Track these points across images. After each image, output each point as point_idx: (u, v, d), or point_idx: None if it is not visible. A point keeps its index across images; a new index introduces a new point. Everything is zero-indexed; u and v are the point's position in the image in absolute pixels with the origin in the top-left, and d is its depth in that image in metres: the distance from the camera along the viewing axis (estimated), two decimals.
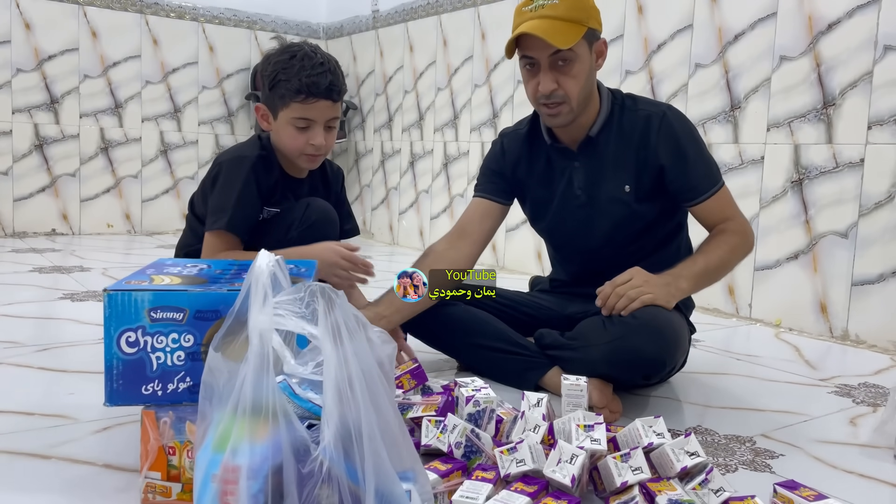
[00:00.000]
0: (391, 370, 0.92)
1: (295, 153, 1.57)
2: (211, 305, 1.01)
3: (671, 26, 2.73)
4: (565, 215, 1.68)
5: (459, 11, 3.71)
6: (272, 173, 1.61)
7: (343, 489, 0.81)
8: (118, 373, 1.01)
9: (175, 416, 1.01)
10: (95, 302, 2.35)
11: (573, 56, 1.48)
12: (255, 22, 4.48)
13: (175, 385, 1.02)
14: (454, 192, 3.78)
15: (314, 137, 1.54)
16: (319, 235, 1.57)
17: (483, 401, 1.23)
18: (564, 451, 1.03)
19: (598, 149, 1.60)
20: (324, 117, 1.54)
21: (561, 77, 1.50)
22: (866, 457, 1.33)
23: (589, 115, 1.59)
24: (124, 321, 1.00)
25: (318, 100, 1.51)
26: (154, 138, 4.22)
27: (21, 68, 3.82)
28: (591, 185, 1.62)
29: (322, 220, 1.59)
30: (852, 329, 2.25)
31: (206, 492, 0.82)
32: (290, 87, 1.49)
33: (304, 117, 1.52)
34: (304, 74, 1.49)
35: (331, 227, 1.62)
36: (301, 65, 1.50)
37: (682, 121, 1.59)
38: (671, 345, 1.47)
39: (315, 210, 1.59)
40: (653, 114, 1.57)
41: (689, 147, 1.56)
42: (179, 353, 1.01)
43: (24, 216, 3.90)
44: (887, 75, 2.16)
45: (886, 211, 2.16)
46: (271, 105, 1.55)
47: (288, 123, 1.53)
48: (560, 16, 1.46)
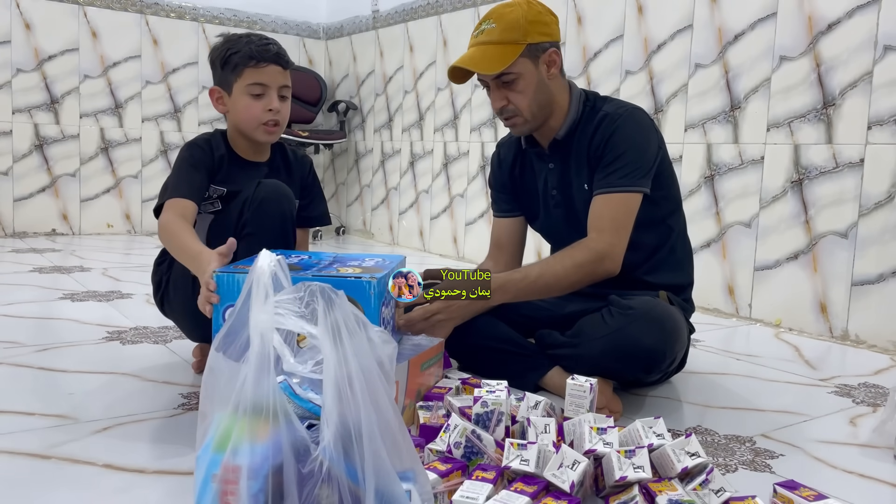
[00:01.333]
0: (391, 370, 0.92)
1: (253, 123, 1.60)
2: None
3: (671, 26, 2.73)
4: (547, 215, 1.74)
5: (459, 11, 3.71)
6: (217, 150, 1.64)
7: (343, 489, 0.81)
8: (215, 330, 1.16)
9: None
10: (95, 302, 2.36)
11: (515, 74, 1.55)
12: (255, 22, 4.48)
13: None
14: (454, 192, 3.78)
15: (270, 103, 1.59)
16: (271, 213, 1.55)
17: (491, 402, 1.22)
18: (567, 456, 1.04)
19: (566, 150, 1.65)
20: (276, 83, 1.60)
21: (509, 94, 1.58)
22: (866, 457, 1.33)
23: (557, 118, 1.64)
24: (227, 298, 1.17)
25: (268, 64, 1.58)
26: (154, 138, 4.22)
27: (21, 68, 3.82)
28: (563, 185, 1.67)
29: (270, 197, 1.56)
30: (852, 329, 2.25)
31: (207, 492, 0.82)
32: (241, 55, 1.57)
33: (258, 82, 1.58)
34: (253, 45, 1.58)
35: (279, 205, 1.57)
36: (248, 38, 1.60)
37: (633, 122, 1.57)
38: (670, 335, 1.48)
39: (264, 188, 1.57)
40: (609, 113, 1.59)
41: (623, 145, 1.55)
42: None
43: (24, 216, 3.90)
44: (887, 75, 2.16)
45: (886, 211, 2.16)
46: (224, 82, 1.61)
47: (243, 94, 1.59)
48: (494, 40, 1.55)
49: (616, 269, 1.53)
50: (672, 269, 1.67)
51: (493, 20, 1.55)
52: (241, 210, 1.54)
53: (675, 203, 1.68)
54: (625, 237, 1.54)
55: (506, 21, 1.54)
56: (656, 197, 1.60)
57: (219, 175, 1.62)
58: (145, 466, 1.15)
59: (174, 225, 1.46)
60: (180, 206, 1.53)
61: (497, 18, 1.55)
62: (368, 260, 1.42)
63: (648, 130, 1.59)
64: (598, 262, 1.51)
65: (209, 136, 1.67)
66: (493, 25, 1.55)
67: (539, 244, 3.18)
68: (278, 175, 1.71)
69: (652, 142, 1.58)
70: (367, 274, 1.26)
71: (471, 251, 3.62)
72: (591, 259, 1.51)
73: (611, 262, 1.52)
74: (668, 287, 1.65)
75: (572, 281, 1.53)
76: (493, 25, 1.55)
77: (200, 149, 1.62)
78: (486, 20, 1.57)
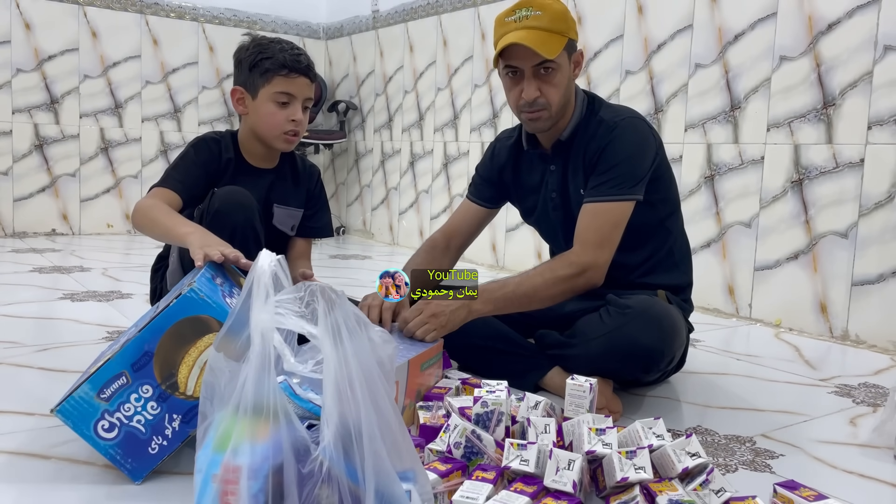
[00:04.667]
0: (391, 370, 0.92)
1: (274, 131, 1.60)
2: (138, 352, 1.09)
3: (671, 26, 2.73)
4: (546, 217, 1.73)
5: (459, 11, 3.71)
6: (226, 153, 1.63)
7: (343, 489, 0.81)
8: (121, 456, 1.10)
9: None
10: (95, 302, 2.36)
11: (556, 66, 1.53)
12: (255, 22, 4.48)
13: (170, 427, 1.11)
14: (454, 192, 3.78)
15: (294, 113, 1.59)
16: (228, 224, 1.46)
17: (491, 402, 1.22)
18: (561, 458, 1.04)
19: (567, 152, 1.64)
20: (303, 94, 1.61)
21: (543, 85, 1.54)
22: (866, 457, 1.33)
23: (565, 120, 1.63)
24: (88, 418, 1.09)
25: (299, 75, 1.58)
26: (154, 138, 4.22)
27: (21, 68, 3.82)
28: (563, 188, 1.66)
29: (226, 208, 1.48)
30: (852, 329, 2.25)
31: (207, 492, 0.82)
32: (274, 62, 1.57)
33: (286, 91, 1.58)
34: (286, 53, 1.58)
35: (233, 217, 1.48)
36: (281, 46, 1.60)
37: (630, 132, 1.56)
38: (668, 334, 1.48)
39: (219, 197, 1.50)
40: (606, 121, 1.58)
41: (617, 156, 1.54)
42: (150, 404, 1.10)
43: (24, 216, 3.90)
44: (887, 75, 2.16)
45: (886, 211, 2.16)
46: (251, 84, 1.60)
47: (269, 100, 1.58)
48: (544, 27, 1.50)
49: (599, 281, 1.52)
50: (670, 270, 1.67)
51: (535, 7, 1.50)
52: (200, 220, 1.49)
53: (672, 205, 1.68)
54: (609, 249, 1.53)
55: (552, 11, 1.51)
56: (654, 200, 1.59)
57: (223, 180, 1.61)
58: None
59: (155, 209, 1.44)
60: (164, 195, 1.51)
61: (540, 7, 1.50)
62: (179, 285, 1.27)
63: (645, 139, 1.57)
64: (578, 276, 1.50)
65: (219, 137, 1.66)
66: (538, 13, 1.50)
67: (539, 244, 3.18)
68: (284, 184, 1.70)
69: (647, 151, 1.57)
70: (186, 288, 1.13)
71: (470, 251, 3.61)
72: (572, 273, 1.50)
73: (593, 273, 1.51)
74: (666, 288, 1.65)
75: (552, 293, 1.52)
76: (538, 13, 1.50)
77: (208, 149, 1.61)
78: (524, 7, 1.51)
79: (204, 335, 1.11)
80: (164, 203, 1.49)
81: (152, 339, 1.09)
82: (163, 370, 1.10)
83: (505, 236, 3.45)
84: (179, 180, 1.56)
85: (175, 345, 1.10)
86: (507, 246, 3.46)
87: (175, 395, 1.10)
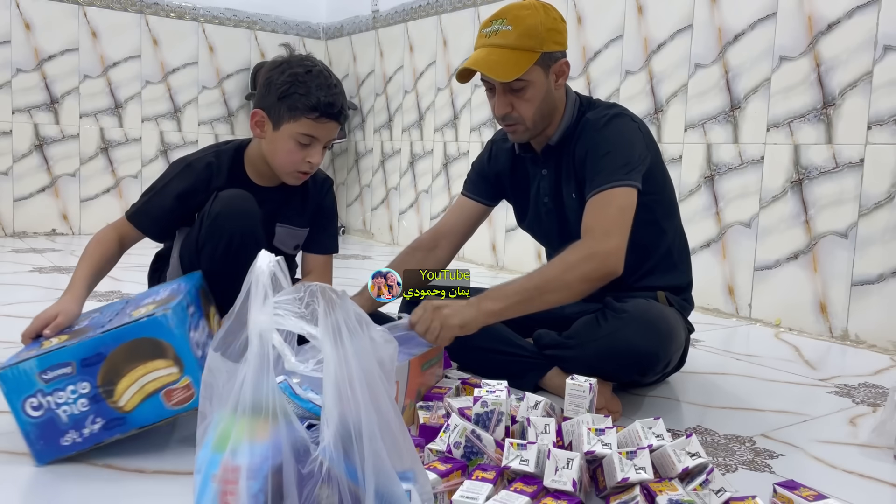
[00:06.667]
0: (392, 370, 0.92)
1: (288, 168, 1.50)
2: (92, 351, 1.12)
3: (671, 26, 2.73)
4: (539, 222, 1.72)
5: (459, 11, 3.71)
6: (216, 180, 1.52)
7: (343, 489, 0.81)
8: (35, 436, 1.13)
9: None
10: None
11: (525, 83, 1.49)
12: (255, 22, 4.48)
13: (89, 428, 1.14)
14: (454, 192, 3.78)
15: (313, 156, 1.48)
16: (227, 230, 1.40)
17: (491, 402, 1.21)
18: (559, 458, 1.04)
19: (559, 156, 1.62)
20: (328, 138, 1.50)
21: (515, 101, 1.52)
22: (866, 457, 1.33)
23: (553, 126, 1.60)
24: (22, 391, 1.11)
25: (329, 120, 1.46)
26: (154, 138, 4.22)
27: (21, 68, 3.82)
28: (555, 192, 1.65)
29: (225, 214, 1.40)
30: (852, 329, 2.25)
31: (207, 492, 0.82)
32: (306, 102, 1.43)
33: (312, 135, 1.46)
34: (322, 93, 1.43)
35: (236, 222, 1.41)
36: (318, 82, 1.44)
37: (615, 124, 1.53)
38: (665, 338, 1.48)
39: (219, 201, 1.42)
40: (591, 120, 1.56)
41: (605, 146, 1.50)
42: (82, 400, 1.12)
43: (24, 216, 3.90)
44: (887, 75, 2.16)
45: (886, 211, 2.16)
46: (275, 114, 1.46)
47: (290, 137, 1.46)
48: (510, 44, 1.46)
49: (617, 267, 1.41)
50: (669, 271, 1.66)
51: (508, 21, 1.47)
52: (199, 225, 1.44)
53: (668, 205, 1.66)
54: (618, 234, 1.42)
55: (524, 26, 1.46)
56: (648, 200, 1.55)
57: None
58: (145, 467, 1.15)
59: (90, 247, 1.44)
60: (121, 231, 1.49)
61: (513, 21, 1.47)
62: (163, 290, 1.30)
63: (630, 131, 1.54)
64: (595, 262, 1.40)
65: (212, 160, 1.53)
66: (508, 28, 1.46)
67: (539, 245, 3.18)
68: (291, 200, 1.59)
69: (635, 141, 1.52)
70: (161, 308, 1.14)
71: (470, 251, 3.62)
72: (586, 260, 1.40)
73: (607, 259, 1.40)
74: (666, 289, 1.64)
75: (567, 281, 1.40)
76: (508, 28, 1.46)
77: (194, 177, 1.50)
78: (499, 19, 1.48)
79: (157, 358, 1.13)
80: (115, 241, 1.48)
81: (111, 344, 1.12)
82: (106, 375, 1.12)
83: (505, 236, 3.45)
84: (146, 213, 1.49)
85: (127, 357, 1.13)
86: (506, 246, 3.46)
87: (107, 402, 1.13)
